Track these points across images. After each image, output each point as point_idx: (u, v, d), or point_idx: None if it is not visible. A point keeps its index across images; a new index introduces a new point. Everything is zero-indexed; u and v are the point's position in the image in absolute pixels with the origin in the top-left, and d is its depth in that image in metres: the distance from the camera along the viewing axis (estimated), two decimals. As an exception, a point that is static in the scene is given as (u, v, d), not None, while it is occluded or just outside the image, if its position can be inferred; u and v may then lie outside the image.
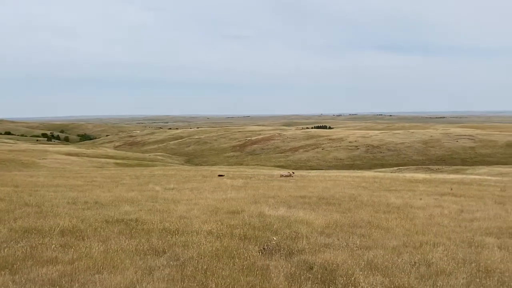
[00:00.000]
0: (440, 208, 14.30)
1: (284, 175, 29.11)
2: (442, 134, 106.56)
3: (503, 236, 9.98)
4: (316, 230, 10.24)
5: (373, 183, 25.80)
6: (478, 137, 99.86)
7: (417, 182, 27.11)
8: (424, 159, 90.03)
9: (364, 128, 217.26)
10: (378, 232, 10.06)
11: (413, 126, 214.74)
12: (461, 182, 28.46)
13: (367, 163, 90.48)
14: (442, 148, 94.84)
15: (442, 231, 10.39)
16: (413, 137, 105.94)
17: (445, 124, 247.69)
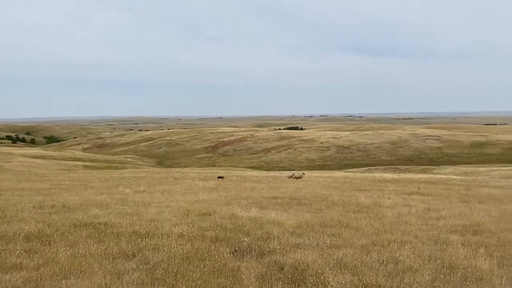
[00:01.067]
0: (408, 207, 14.70)
1: (295, 176, 29.01)
2: (410, 135, 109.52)
3: (467, 233, 10.36)
4: (288, 230, 10.32)
5: (344, 183, 26.28)
6: (444, 138, 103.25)
7: (386, 182, 27.80)
8: (393, 159, 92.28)
9: (335, 129, 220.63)
10: (348, 232, 10.24)
11: (382, 127, 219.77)
12: (428, 181, 29.39)
13: (338, 163, 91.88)
14: (410, 149, 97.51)
15: (410, 229, 10.68)
16: (382, 138, 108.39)
17: (413, 125, 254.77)
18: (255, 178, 30.26)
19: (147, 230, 10.09)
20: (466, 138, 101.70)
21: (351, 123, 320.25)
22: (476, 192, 21.48)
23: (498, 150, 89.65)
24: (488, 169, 56.24)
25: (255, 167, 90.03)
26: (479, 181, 31.68)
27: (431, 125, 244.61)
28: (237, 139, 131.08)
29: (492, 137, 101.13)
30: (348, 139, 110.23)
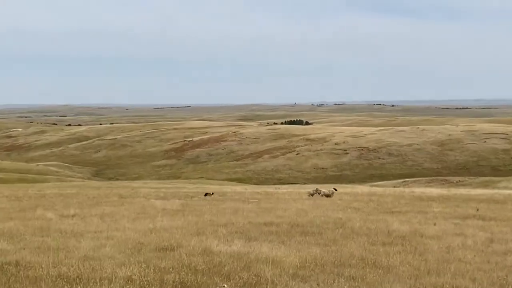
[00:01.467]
0: (462, 237, 14.84)
1: (321, 192, 28.95)
2: (464, 132, 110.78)
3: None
4: (287, 272, 10.32)
5: (369, 202, 26.45)
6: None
7: (430, 201, 28.06)
8: (439, 167, 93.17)
9: (355, 124, 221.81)
10: (375, 273, 10.28)
11: (423, 121, 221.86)
12: (491, 199, 29.74)
13: (360, 173, 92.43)
14: (465, 152, 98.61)
15: (464, 269, 10.76)
16: (424, 137, 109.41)
17: (469, 118, 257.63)
18: (239, 195, 30.25)
19: (79, 273, 10.00)
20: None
21: (379, 115, 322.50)
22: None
23: None
24: None
25: (239, 179, 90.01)
26: None
27: (494, 118, 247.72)
28: (213, 138, 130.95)
29: None
30: (374, 139, 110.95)
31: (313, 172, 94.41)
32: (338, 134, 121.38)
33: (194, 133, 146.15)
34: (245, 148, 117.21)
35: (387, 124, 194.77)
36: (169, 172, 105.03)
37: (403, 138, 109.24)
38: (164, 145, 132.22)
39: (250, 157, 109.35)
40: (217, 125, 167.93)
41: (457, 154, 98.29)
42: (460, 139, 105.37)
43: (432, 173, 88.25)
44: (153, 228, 15.89)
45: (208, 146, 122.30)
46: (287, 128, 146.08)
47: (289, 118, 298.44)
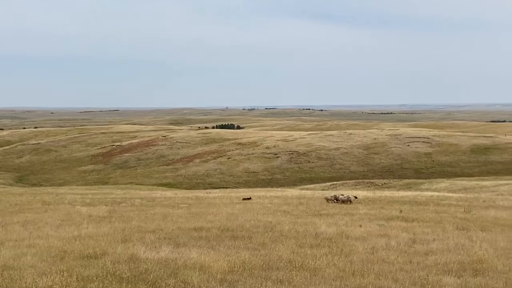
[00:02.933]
0: (386, 238, 15.27)
1: (338, 198, 28.14)
2: (389, 136, 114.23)
3: (465, 274, 10.92)
4: (215, 277, 10.27)
5: (298, 205, 26.81)
6: (435, 140, 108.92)
7: (357, 203, 28.75)
8: (365, 170, 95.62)
9: (286, 128, 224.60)
10: (302, 276, 10.39)
11: (351, 125, 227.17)
12: (413, 201, 30.81)
13: (290, 176, 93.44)
14: (390, 155, 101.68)
15: (388, 269, 11.05)
16: (351, 140, 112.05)
17: (393, 122, 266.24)
18: (169, 200, 29.94)
19: (-3, 284, 9.63)
20: (464, 140, 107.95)
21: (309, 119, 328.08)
22: (478, 215, 22.84)
23: (507, 157, 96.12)
24: (494, 183, 60.03)
25: (169, 184, 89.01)
26: (482, 199, 33.75)
27: (417, 123, 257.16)
28: (143, 142, 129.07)
29: (499, 139, 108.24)
30: (304, 143, 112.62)
31: (244, 176, 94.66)
32: (269, 138, 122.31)
33: (123, 137, 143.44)
34: (175, 153, 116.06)
35: (317, 129, 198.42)
36: (96, 178, 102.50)
37: (332, 142, 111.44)
38: (91, 149, 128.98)
39: (180, 161, 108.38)
40: (147, 129, 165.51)
41: (382, 158, 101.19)
42: (385, 143, 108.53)
43: (359, 176, 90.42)
44: (78, 235, 15.48)
45: (138, 150, 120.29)
46: (218, 132, 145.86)
47: (220, 122, 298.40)
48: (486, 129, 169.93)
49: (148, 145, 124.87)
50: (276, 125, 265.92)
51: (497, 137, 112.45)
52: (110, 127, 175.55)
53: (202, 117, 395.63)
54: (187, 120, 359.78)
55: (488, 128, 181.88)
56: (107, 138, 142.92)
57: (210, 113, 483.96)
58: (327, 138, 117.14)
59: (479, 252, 13.09)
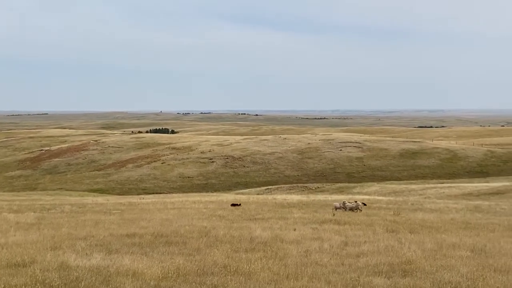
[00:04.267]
0: (319, 241, 15.53)
1: (345, 206, 26.76)
2: (322, 141, 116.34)
3: (394, 275, 11.24)
4: (148, 284, 10.14)
5: (234, 210, 26.85)
6: (366, 145, 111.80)
7: (291, 207, 29.12)
8: (300, 174, 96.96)
9: (221, 133, 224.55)
10: (237, 280, 10.41)
11: (285, 130, 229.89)
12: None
13: (226, 181, 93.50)
14: (323, 160, 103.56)
15: (321, 272, 11.24)
16: (286, 145, 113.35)
17: (326, 127, 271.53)
18: (101, 206, 29.35)
19: None
20: (394, 145, 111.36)
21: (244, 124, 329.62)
22: (407, 218, 23.60)
23: (434, 162, 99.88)
24: (422, 187, 62.23)
25: (101, 190, 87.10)
26: (410, 203, 34.92)
27: (349, 128, 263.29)
28: (73, 147, 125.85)
29: (426, 144, 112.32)
30: (240, 147, 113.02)
31: (179, 181, 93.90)
32: (204, 143, 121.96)
33: (52, 141, 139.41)
34: (107, 157, 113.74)
35: (252, 133, 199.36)
36: (24, 184, 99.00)
37: (267, 147, 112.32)
38: (19, 154, 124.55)
39: (113, 166, 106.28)
40: (77, 134, 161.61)
41: (315, 162, 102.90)
42: (319, 148, 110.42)
43: (293, 180, 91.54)
44: (5, 243, 14.90)
45: (68, 155, 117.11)
46: (152, 137, 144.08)
47: (154, 127, 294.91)
48: (414, 135, 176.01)
49: (78, 149, 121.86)
50: (211, 129, 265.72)
51: (425, 142, 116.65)
52: (39, 131, 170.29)
53: (135, 121, 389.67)
54: (119, 124, 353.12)
55: (416, 133, 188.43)
56: (35, 143, 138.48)
57: (143, 117, 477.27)
58: (262, 142, 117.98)
59: (408, 253, 13.51)
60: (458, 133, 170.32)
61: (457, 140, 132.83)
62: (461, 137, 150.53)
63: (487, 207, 31.87)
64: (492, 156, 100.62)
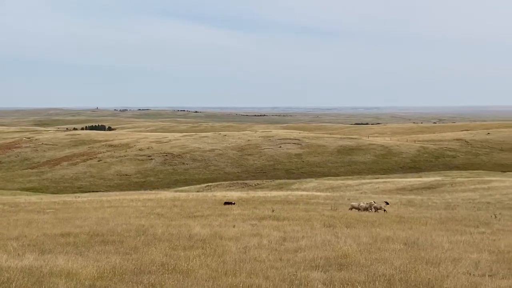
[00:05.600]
0: (258, 237, 15.63)
1: (369, 206, 25.06)
2: (262, 138, 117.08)
3: (331, 269, 11.45)
4: (83, 284, 9.92)
5: (172, 207, 26.63)
6: (305, 142, 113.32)
7: (232, 204, 29.15)
8: (240, 171, 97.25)
9: (160, 130, 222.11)
10: (174, 278, 10.34)
11: (225, 127, 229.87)
12: (285, 200, 31.82)
13: (164, 179, 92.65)
14: (263, 156, 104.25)
15: (259, 268, 11.31)
16: (226, 142, 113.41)
17: (266, 124, 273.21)
18: (34, 206, 28.49)
19: None
20: (332, 142, 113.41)
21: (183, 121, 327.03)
22: (343, 213, 24.08)
23: (370, 157, 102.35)
24: (358, 182, 63.64)
25: (35, 188, 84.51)
26: (347, 198, 35.64)
27: (288, 125, 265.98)
28: (5, 144, 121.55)
29: (362, 141, 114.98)
30: (179, 144, 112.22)
31: (116, 179, 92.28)
32: (142, 140, 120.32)
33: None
34: (41, 155, 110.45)
35: (192, 130, 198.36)
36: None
37: (206, 144, 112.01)
38: None
39: (47, 164, 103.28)
40: (9, 131, 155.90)
41: (255, 159, 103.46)
42: (258, 145, 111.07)
43: (233, 177, 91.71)
44: None
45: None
46: (88, 134, 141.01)
47: (90, 124, 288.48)
48: (351, 131, 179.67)
49: (10, 147, 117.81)
50: (149, 126, 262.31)
51: (361, 139, 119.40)
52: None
53: (70, 118, 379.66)
54: (54, 121, 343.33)
55: (353, 130, 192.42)
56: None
57: (79, 113, 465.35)
58: (202, 139, 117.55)
59: (344, 247, 13.78)
60: (393, 130, 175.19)
61: (392, 137, 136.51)
62: (395, 134, 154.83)
63: (419, 201, 32.94)
64: (424, 152, 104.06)
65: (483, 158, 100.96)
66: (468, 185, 46.63)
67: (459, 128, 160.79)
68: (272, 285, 9.99)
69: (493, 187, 42.43)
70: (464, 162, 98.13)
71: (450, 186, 47.86)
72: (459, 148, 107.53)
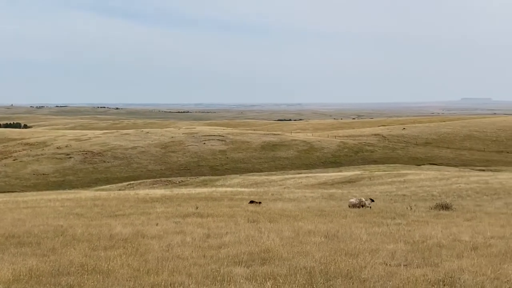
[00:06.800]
0: (182, 235, 15.57)
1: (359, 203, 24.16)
2: (186, 135, 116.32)
3: (254, 264, 11.57)
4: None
5: (93, 207, 26.00)
6: (229, 138, 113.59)
7: (154, 202, 28.84)
8: (163, 168, 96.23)
9: (79, 127, 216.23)
10: (94, 279, 10.15)
11: (148, 124, 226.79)
12: (209, 197, 31.86)
13: (84, 178, 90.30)
14: (187, 153, 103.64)
15: (182, 265, 11.28)
16: (148, 139, 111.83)
17: (190, 121, 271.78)
18: None
19: None
20: (256, 138, 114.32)
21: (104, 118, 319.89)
22: (267, 208, 24.38)
23: (293, 153, 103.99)
24: (281, 178, 64.55)
25: None
26: (271, 193, 36.12)
27: (212, 121, 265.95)
28: None
29: (285, 137, 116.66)
30: (99, 142, 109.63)
31: (33, 179, 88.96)
32: (60, 138, 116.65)
33: None
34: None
35: (113, 127, 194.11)
36: None
37: (128, 141, 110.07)
38: None
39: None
40: None
41: (179, 156, 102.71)
42: (182, 141, 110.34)
43: (157, 174, 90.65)
44: None
45: None
46: (2, 132, 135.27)
47: (4, 121, 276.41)
48: (274, 128, 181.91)
49: None
50: (68, 124, 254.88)
51: (284, 135, 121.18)
52: None
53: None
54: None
55: (276, 126, 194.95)
56: None
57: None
58: (123, 137, 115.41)
59: (267, 242, 13.96)
60: (314, 126, 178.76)
61: (314, 133, 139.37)
62: (317, 130, 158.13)
63: (340, 194, 33.87)
64: (344, 147, 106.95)
65: (399, 152, 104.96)
66: (385, 178, 48.35)
67: (377, 124, 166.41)
68: (195, 282, 9.98)
69: (408, 180, 44.23)
70: (381, 156, 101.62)
71: (368, 179, 49.45)
72: (377, 143, 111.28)
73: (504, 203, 26.68)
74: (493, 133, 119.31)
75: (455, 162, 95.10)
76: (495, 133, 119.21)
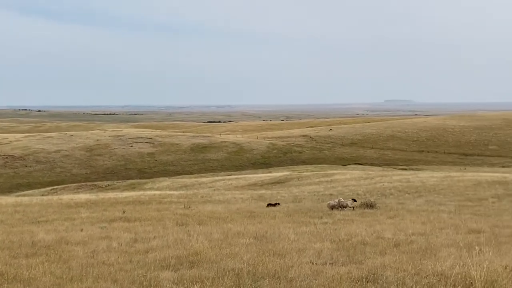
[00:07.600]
0: (108, 240, 15.26)
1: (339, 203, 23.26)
2: (112, 137, 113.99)
3: (181, 267, 11.50)
4: None
5: (14, 213, 25.05)
6: (158, 140, 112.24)
7: (79, 207, 28.07)
8: (89, 172, 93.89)
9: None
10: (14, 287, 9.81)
11: (72, 127, 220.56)
12: (137, 201, 31.35)
13: (5, 183, 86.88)
14: (113, 156, 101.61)
15: (107, 271, 11.06)
16: (73, 142, 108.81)
17: (117, 123, 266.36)
18: None
19: None
20: (185, 140, 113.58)
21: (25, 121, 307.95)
22: (196, 210, 24.30)
23: (222, 155, 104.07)
24: (211, 179, 64.39)
25: None
26: (200, 195, 35.99)
27: (140, 123, 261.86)
28: None
29: (215, 139, 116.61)
30: (21, 146, 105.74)
31: None
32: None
33: None
34: None
35: (35, 130, 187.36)
36: None
37: (51, 145, 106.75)
38: None
39: None
40: None
41: (105, 159, 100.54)
42: (108, 144, 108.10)
43: (81, 178, 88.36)
44: None
45: None
46: None
47: None
48: (204, 129, 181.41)
49: None
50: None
51: (214, 137, 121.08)
52: None
53: None
54: None
55: (206, 128, 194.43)
56: None
57: None
58: (46, 140, 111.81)
59: (196, 245, 13.91)
60: (244, 127, 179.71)
61: (243, 134, 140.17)
62: (246, 131, 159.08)
63: (269, 195, 34.21)
64: (273, 148, 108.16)
65: (326, 152, 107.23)
66: (313, 178, 49.23)
67: (305, 125, 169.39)
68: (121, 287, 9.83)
69: (335, 180, 45.25)
70: (309, 157, 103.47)
71: (297, 180, 50.21)
72: (305, 144, 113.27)
73: (425, 201, 27.78)
74: (414, 133, 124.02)
75: (379, 161, 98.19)
76: (416, 133, 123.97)
